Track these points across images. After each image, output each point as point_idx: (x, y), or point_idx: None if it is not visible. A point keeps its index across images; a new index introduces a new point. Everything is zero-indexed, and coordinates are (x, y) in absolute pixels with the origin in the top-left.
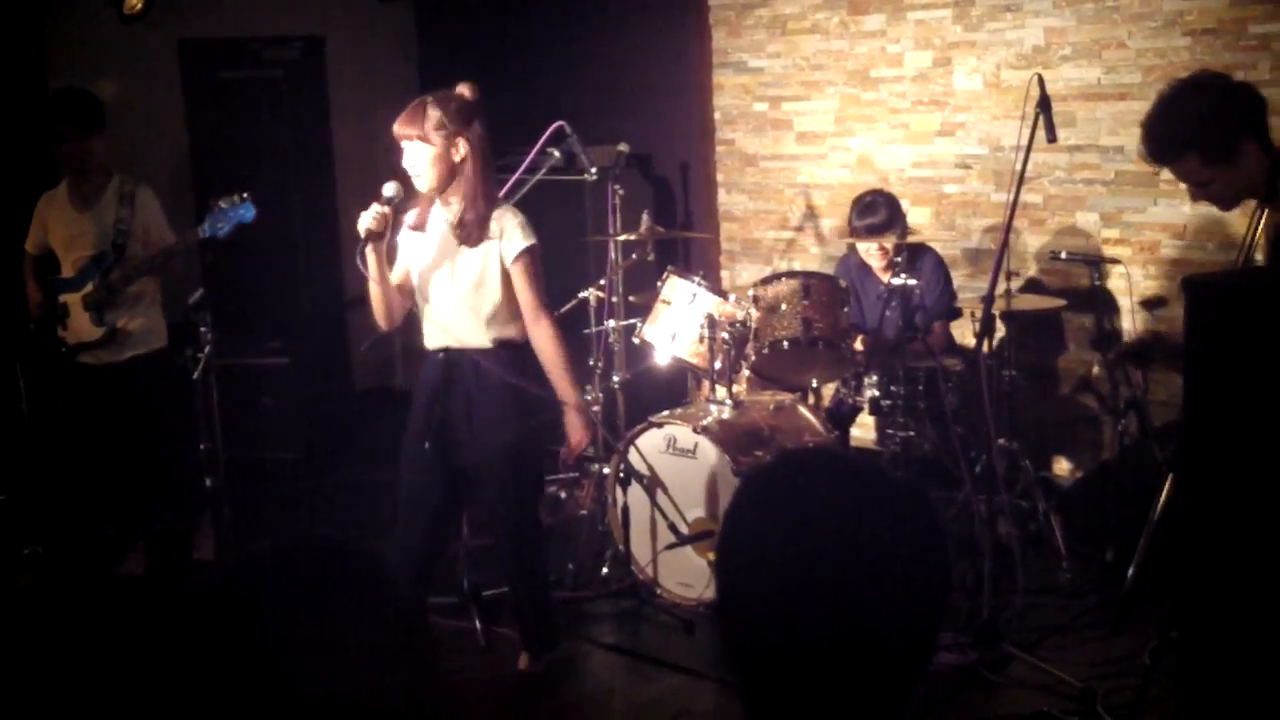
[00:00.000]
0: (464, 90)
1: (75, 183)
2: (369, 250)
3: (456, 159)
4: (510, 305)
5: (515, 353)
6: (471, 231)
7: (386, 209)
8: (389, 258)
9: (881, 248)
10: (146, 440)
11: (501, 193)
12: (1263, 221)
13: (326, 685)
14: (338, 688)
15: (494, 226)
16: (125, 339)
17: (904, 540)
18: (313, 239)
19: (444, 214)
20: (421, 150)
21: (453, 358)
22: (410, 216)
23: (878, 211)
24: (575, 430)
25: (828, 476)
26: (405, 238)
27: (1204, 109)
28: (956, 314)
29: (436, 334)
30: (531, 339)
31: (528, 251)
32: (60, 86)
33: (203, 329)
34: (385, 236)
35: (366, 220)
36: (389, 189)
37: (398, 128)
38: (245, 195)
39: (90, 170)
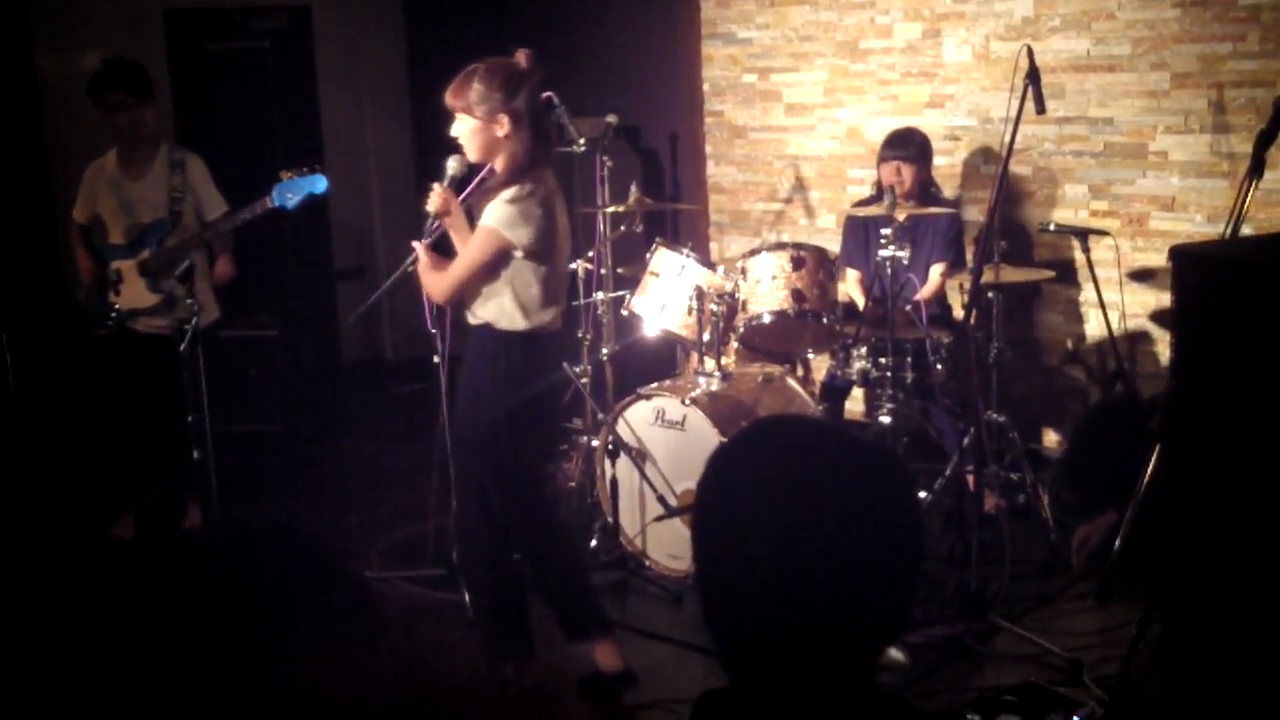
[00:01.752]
0: (518, 59)
1: (125, 151)
2: (447, 230)
3: (500, 134)
4: (486, 284)
5: (496, 337)
6: (483, 205)
7: (444, 187)
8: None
9: (900, 174)
10: (163, 408)
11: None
12: (1251, 193)
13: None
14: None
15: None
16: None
17: (876, 501)
18: (300, 210)
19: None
20: (465, 122)
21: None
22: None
23: (908, 144)
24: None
25: (796, 442)
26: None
27: None
28: (960, 264)
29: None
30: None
31: (485, 229)
32: (112, 57)
33: (189, 301)
34: (451, 213)
35: (431, 204)
36: (451, 165)
37: (446, 97)
38: (316, 166)
39: (141, 139)
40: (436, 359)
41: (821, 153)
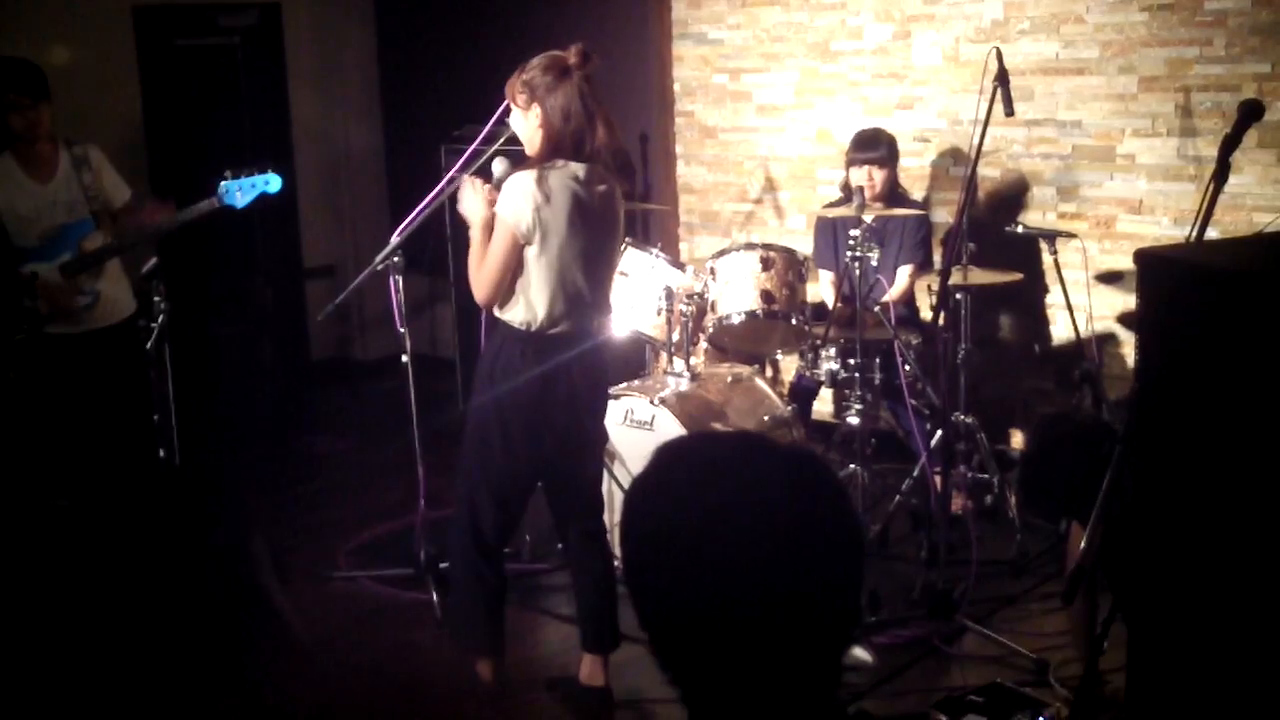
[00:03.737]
0: (566, 53)
1: (23, 152)
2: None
3: (536, 124)
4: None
5: (504, 332)
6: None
7: (490, 187)
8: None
9: (871, 178)
10: (110, 408)
11: (458, 165)
12: (1215, 197)
13: None
14: None
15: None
16: (106, 306)
17: (803, 504)
18: (269, 207)
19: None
20: (514, 113)
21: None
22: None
23: (878, 147)
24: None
25: (711, 463)
26: None
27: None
28: (928, 266)
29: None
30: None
31: (496, 219)
32: (1, 55)
33: (156, 298)
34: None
35: (471, 200)
36: (498, 167)
37: (511, 82)
38: (268, 166)
39: (39, 139)
40: (405, 358)
41: (792, 154)
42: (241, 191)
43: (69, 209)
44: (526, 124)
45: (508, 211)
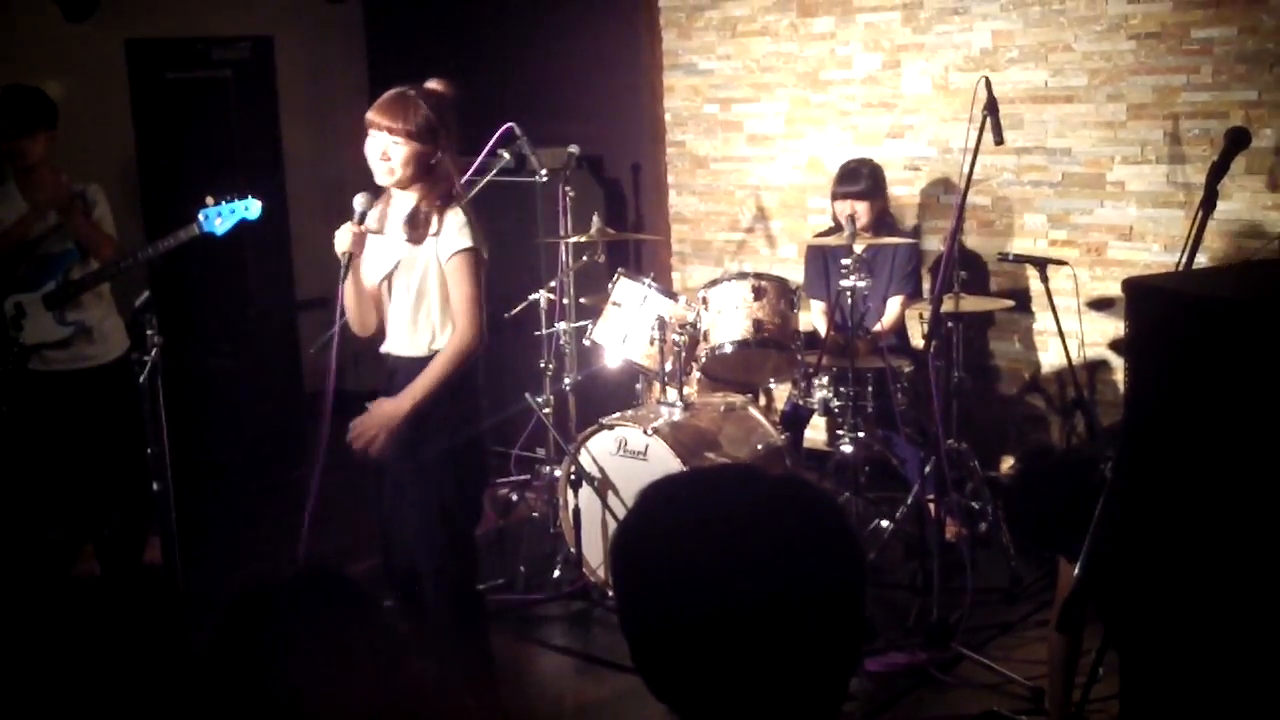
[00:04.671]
0: (440, 86)
1: (23, 182)
2: (350, 268)
3: (434, 160)
4: (446, 312)
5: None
6: (420, 228)
7: (361, 226)
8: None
9: (854, 210)
10: (100, 445)
11: None
12: (1204, 224)
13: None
14: (327, 691)
15: (436, 223)
16: (93, 341)
17: (799, 532)
18: (262, 240)
19: (399, 211)
20: (400, 147)
21: (394, 364)
22: (372, 219)
23: (859, 180)
24: (372, 422)
25: (703, 498)
26: (357, 239)
27: None
28: (918, 295)
29: (386, 339)
30: (449, 340)
31: (465, 252)
32: (4, 84)
33: (149, 332)
34: (362, 251)
35: (344, 243)
36: (360, 203)
37: (379, 117)
38: (248, 194)
39: (30, 169)
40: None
41: (783, 183)
42: (221, 218)
43: (58, 240)
44: (422, 158)
45: (478, 244)
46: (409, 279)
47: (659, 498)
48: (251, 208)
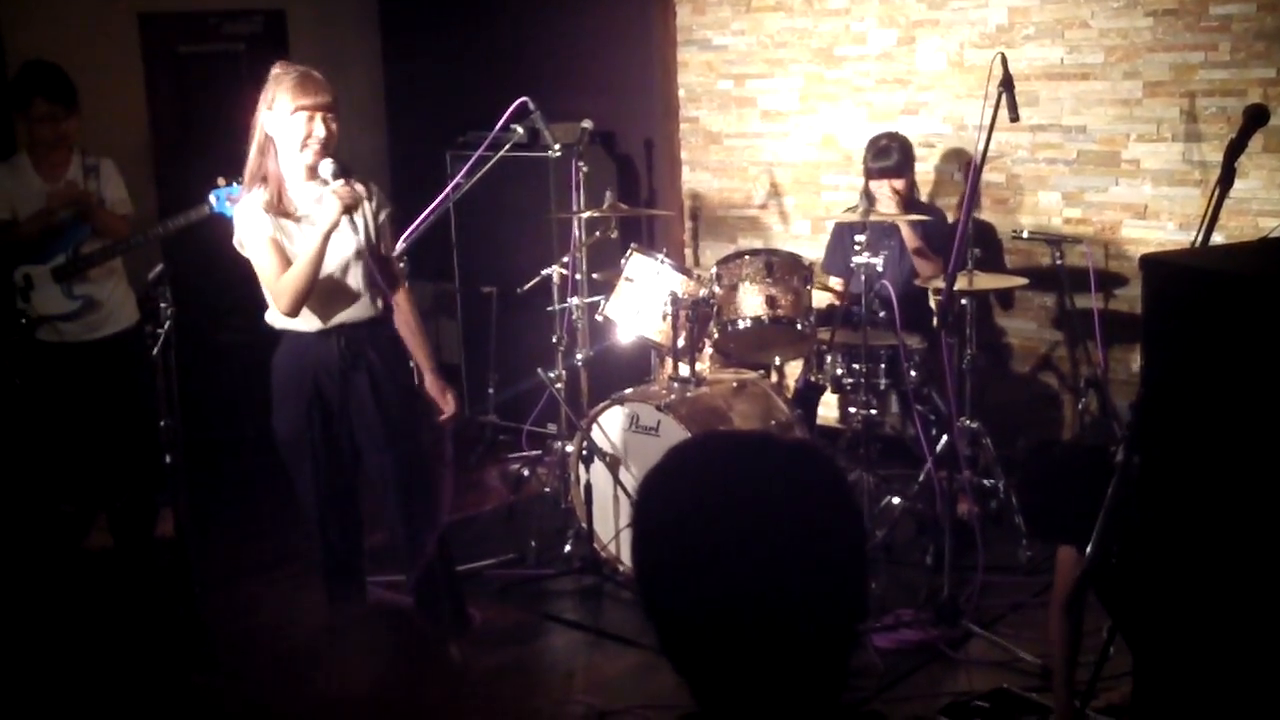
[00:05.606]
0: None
1: (38, 155)
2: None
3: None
4: (384, 270)
5: (391, 322)
6: (358, 196)
7: (346, 180)
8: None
9: (893, 188)
10: (112, 417)
11: (464, 170)
12: (1220, 202)
13: None
14: None
15: (361, 185)
16: (101, 314)
17: (809, 499)
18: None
19: (310, 188)
20: (333, 121)
21: (362, 327)
22: (261, 201)
23: (890, 155)
24: (445, 392)
25: (720, 459)
26: (274, 225)
27: None
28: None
29: (328, 311)
30: (399, 302)
31: (390, 210)
32: (34, 59)
33: (163, 305)
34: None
35: (345, 198)
36: (334, 165)
37: (325, 98)
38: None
39: (60, 145)
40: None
41: (796, 159)
42: (233, 199)
43: (69, 211)
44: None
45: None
46: (354, 244)
47: (685, 454)
48: None
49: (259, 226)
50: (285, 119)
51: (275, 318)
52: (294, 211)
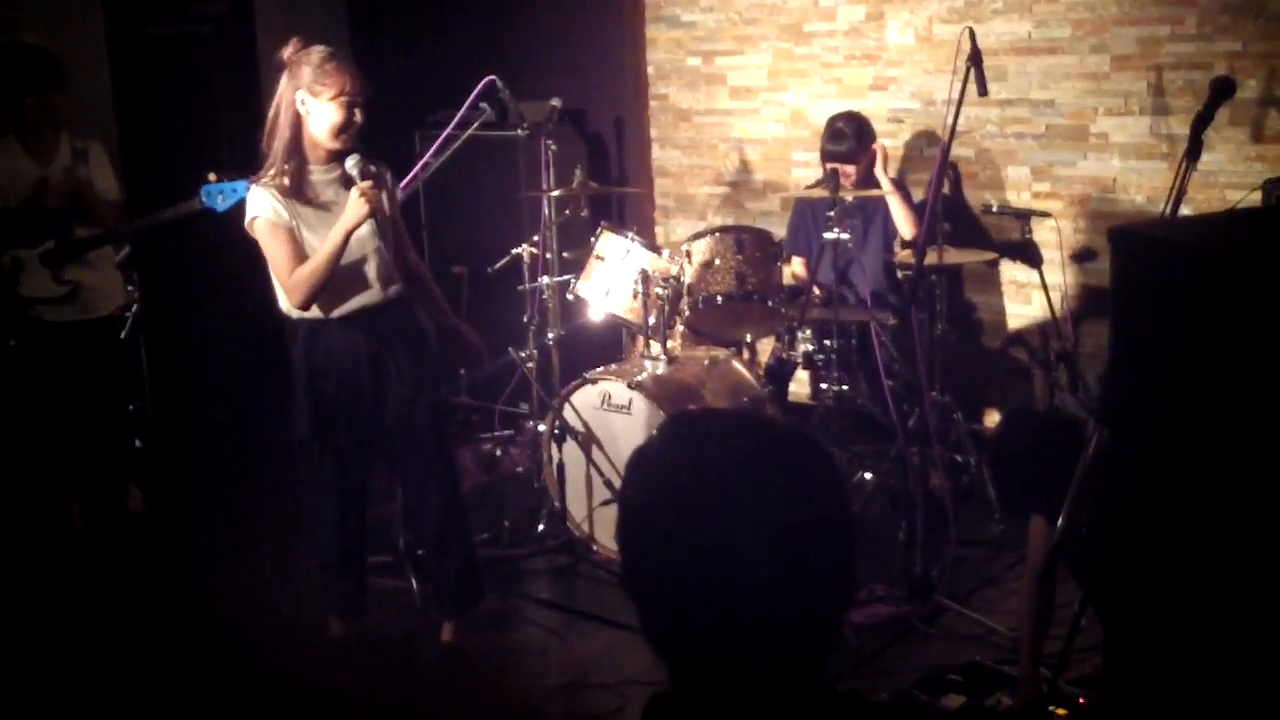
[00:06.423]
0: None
1: (26, 137)
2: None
3: None
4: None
5: (413, 301)
6: (381, 183)
7: (369, 181)
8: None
9: (844, 174)
10: (93, 399)
11: (432, 149)
12: (1188, 175)
13: None
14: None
15: (375, 168)
16: (92, 297)
17: (799, 486)
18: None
19: (327, 171)
20: (359, 108)
21: (381, 312)
22: (280, 186)
23: (843, 140)
24: (475, 338)
25: (713, 437)
26: (291, 212)
27: None
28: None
29: (355, 295)
30: (418, 269)
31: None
32: (18, 40)
33: (130, 288)
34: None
35: (373, 202)
36: (359, 163)
37: (359, 85)
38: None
39: (52, 126)
40: None
41: (766, 136)
42: (224, 196)
43: (62, 197)
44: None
45: None
46: (384, 224)
47: (676, 431)
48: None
49: (276, 215)
50: (323, 103)
51: (291, 310)
52: (314, 198)
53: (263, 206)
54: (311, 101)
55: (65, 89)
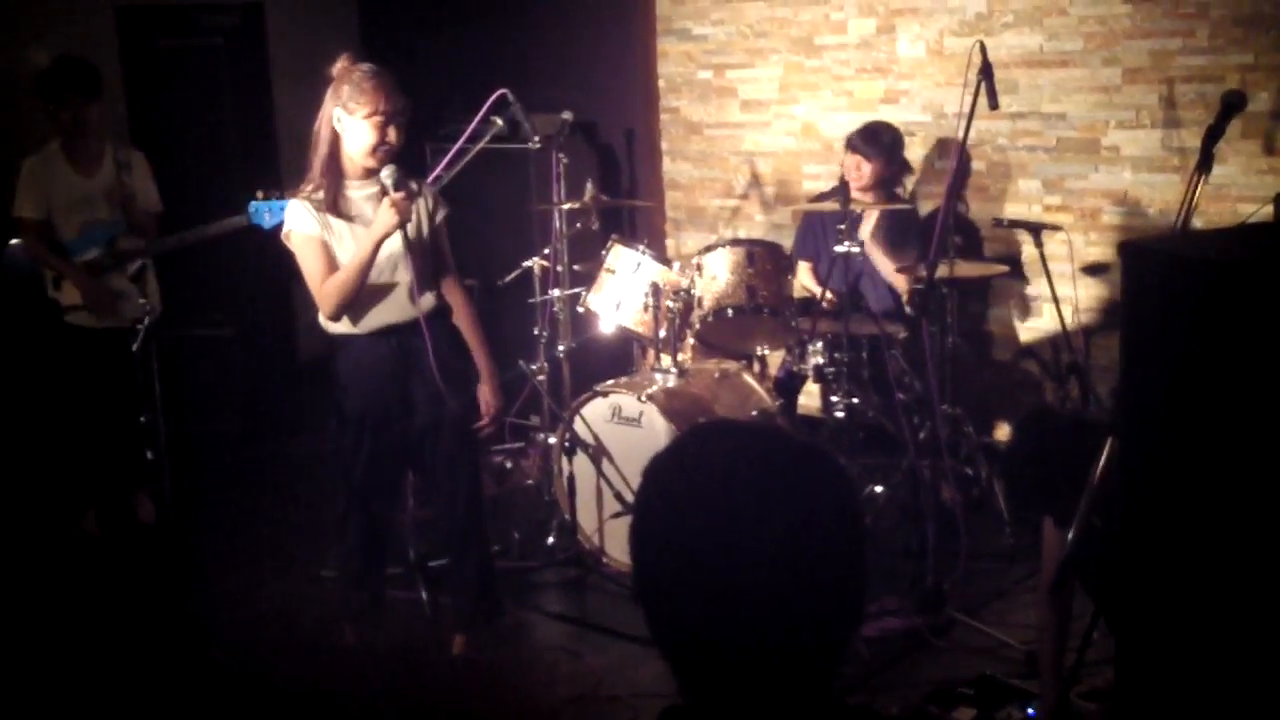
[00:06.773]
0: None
1: (69, 147)
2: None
3: None
4: (440, 270)
5: (448, 317)
6: (413, 197)
7: (401, 193)
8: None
9: (856, 164)
10: (113, 405)
11: (444, 162)
12: (1200, 188)
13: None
14: None
15: (414, 184)
16: (126, 305)
17: (816, 502)
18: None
19: (363, 187)
20: (398, 128)
21: (411, 329)
22: (316, 200)
23: (876, 141)
24: (495, 398)
25: (733, 448)
26: (324, 225)
27: None
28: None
29: (385, 311)
30: (458, 302)
31: (446, 210)
32: (61, 54)
33: (141, 300)
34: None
35: (404, 212)
36: (393, 174)
37: (400, 104)
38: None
39: (85, 136)
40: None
41: (777, 149)
42: (270, 213)
43: (107, 207)
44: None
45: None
46: (417, 242)
47: (693, 442)
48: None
49: (310, 227)
50: (357, 121)
51: (327, 323)
52: (348, 212)
53: (297, 220)
54: (347, 119)
55: (100, 98)
